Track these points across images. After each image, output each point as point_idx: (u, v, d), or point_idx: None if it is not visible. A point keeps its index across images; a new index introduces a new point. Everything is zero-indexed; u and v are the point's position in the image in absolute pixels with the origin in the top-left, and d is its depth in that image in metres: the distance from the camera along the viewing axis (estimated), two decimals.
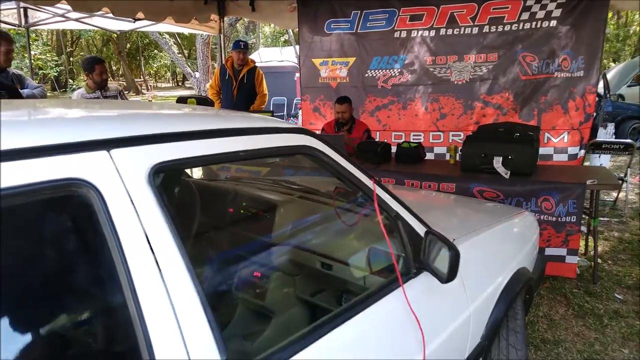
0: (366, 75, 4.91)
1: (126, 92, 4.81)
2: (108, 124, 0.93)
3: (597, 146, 4.67)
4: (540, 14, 4.17)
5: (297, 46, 8.09)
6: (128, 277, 0.78)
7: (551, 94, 4.27)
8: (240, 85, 5.14)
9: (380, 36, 4.76)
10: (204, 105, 4.43)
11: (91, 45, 27.21)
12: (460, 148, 3.72)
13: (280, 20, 5.87)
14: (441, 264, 1.32)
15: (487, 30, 4.37)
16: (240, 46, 5.14)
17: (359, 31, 4.83)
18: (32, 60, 8.28)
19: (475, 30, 4.41)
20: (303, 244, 1.80)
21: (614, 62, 18.00)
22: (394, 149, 4.05)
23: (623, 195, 5.17)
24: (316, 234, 1.86)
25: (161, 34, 13.20)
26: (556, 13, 4.11)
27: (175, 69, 31.19)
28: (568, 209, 3.13)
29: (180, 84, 33.54)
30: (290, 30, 14.17)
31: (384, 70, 4.84)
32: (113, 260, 0.78)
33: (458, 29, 4.46)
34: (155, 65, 30.51)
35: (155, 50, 27.65)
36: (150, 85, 29.38)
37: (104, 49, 26.65)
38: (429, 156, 4.45)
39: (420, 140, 4.59)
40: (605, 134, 6.03)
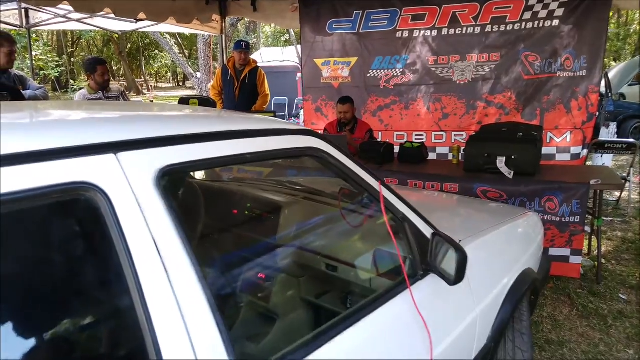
0: (368, 75, 4.90)
1: (127, 93, 4.80)
2: (115, 127, 0.92)
3: (600, 146, 4.67)
4: (543, 14, 4.16)
5: (299, 46, 8.08)
6: (136, 280, 0.78)
7: (554, 94, 4.25)
8: (242, 86, 5.13)
9: (382, 36, 4.74)
10: (206, 105, 4.42)
11: (92, 46, 27.21)
12: (463, 148, 3.71)
13: (282, 20, 5.86)
14: (448, 266, 1.31)
15: (490, 30, 4.36)
16: (242, 46, 5.13)
17: (361, 31, 4.82)
18: (33, 61, 8.28)
19: (477, 30, 4.39)
20: (308, 245, 1.80)
21: (615, 61, 17.99)
22: (396, 149, 4.04)
23: (626, 195, 5.16)
24: (321, 235, 1.85)
25: (162, 34, 13.19)
26: (558, 12, 4.10)
27: (176, 69, 31.20)
28: (572, 209, 3.13)
29: (181, 84, 33.54)
30: (291, 30, 14.17)
31: (386, 70, 4.83)
32: (121, 263, 0.78)
33: (460, 29, 4.45)
34: (156, 65, 30.52)
35: (156, 51, 27.67)
36: (151, 86, 29.41)
37: (105, 50, 26.66)
38: (432, 156, 4.44)
39: (423, 140, 4.58)
40: (608, 133, 6.01)
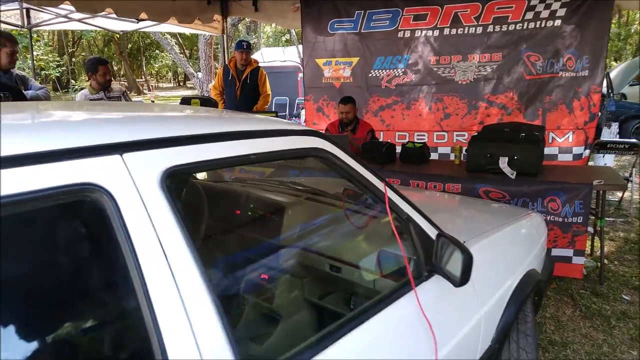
0: (370, 75, 4.89)
1: (128, 93, 4.80)
2: (120, 128, 0.92)
3: (602, 146, 4.66)
4: (545, 14, 4.15)
5: (300, 46, 8.07)
6: (142, 281, 0.78)
7: (556, 94, 4.24)
8: (243, 86, 5.12)
9: (384, 36, 4.74)
10: (207, 105, 4.41)
11: (92, 46, 27.22)
12: (465, 148, 3.70)
13: (283, 20, 5.85)
14: (453, 267, 1.31)
15: (491, 30, 4.35)
16: (243, 46, 5.13)
17: (362, 31, 4.81)
18: (34, 61, 8.28)
19: (479, 30, 4.38)
20: (311, 246, 1.79)
21: (615, 61, 17.97)
22: (398, 149, 4.03)
23: (628, 195, 5.15)
24: (324, 236, 1.84)
25: (163, 34, 13.19)
26: (560, 12, 4.09)
27: (176, 69, 31.22)
28: (575, 210, 3.12)
29: (181, 84, 33.55)
30: (292, 30, 14.16)
31: (387, 70, 4.82)
32: (127, 264, 0.78)
33: (462, 29, 4.44)
34: (156, 65, 30.53)
35: (157, 51, 27.68)
36: (151, 86, 29.42)
37: (106, 49, 26.68)
38: (433, 156, 4.43)
39: (425, 141, 4.57)
40: (610, 133, 6.00)
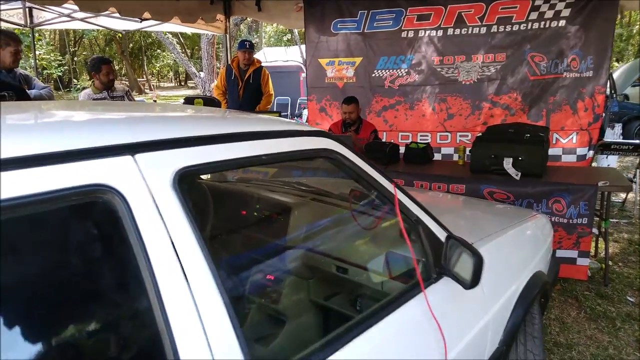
0: (373, 75, 4.88)
1: (131, 92, 4.80)
2: (131, 128, 0.91)
3: (606, 147, 4.64)
4: (549, 14, 4.14)
5: (302, 46, 8.06)
6: (154, 282, 0.77)
7: (560, 95, 4.23)
8: (246, 85, 5.12)
9: (387, 36, 4.73)
10: (211, 105, 4.40)
11: (94, 45, 27.23)
12: (468, 149, 3.69)
13: (286, 20, 5.85)
14: (463, 270, 1.30)
15: (495, 30, 4.34)
16: (246, 46, 5.12)
17: (365, 31, 4.80)
18: (37, 60, 8.28)
19: (483, 30, 4.37)
20: (317, 247, 1.78)
21: (618, 62, 17.93)
22: (401, 149, 4.02)
23: (632, 196, 5.13)
24: (331, 237, 1.84)
25: (165, 34, 13.19)
26: (565, 13, 4.08)
27: (177, 68, 31.22)
28: (579, 211, 3.11)
29: (182, 83, 33.54)
30: (295, 30, 14.15)
31: (390, 70, 4.81)
32: (139, 265, 0.78)
33: (466, 29, 4.42)
34: (157, 65, 30.53)
35: (158, 50, 27.68)
36: (153, 85, 29.43)
37: (107, 49, 26.68)
38: (437, 157, 4.42)
39: (428, 141, 4.56)
40: (613, 134, 5.99)
